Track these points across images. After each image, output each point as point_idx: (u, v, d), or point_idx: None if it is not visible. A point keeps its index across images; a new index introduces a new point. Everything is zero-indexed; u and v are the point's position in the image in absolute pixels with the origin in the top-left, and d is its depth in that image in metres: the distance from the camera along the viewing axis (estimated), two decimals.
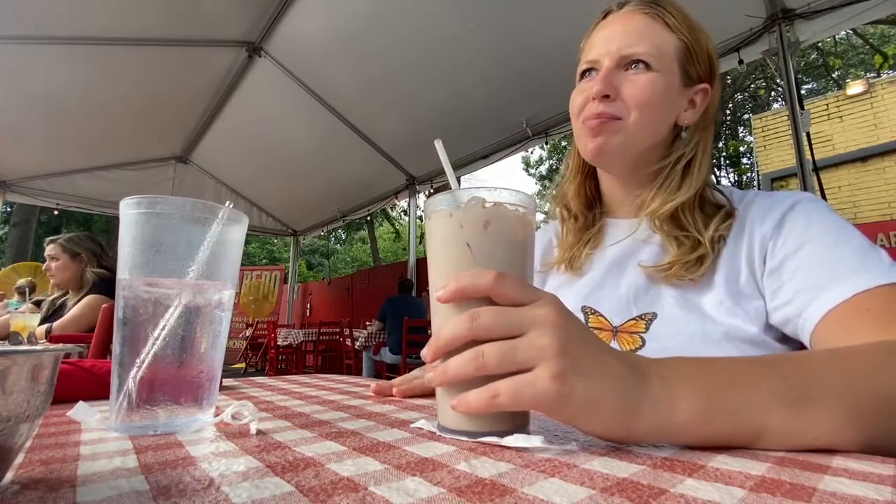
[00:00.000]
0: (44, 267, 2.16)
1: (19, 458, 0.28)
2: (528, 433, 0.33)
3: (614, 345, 0.60)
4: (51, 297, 2.17)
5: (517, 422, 0.35)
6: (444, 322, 0.34)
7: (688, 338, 0.56)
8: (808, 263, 0.52)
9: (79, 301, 2.02)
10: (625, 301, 0.63)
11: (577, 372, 0.30)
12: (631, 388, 0.31)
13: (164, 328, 0.37)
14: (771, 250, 0.56)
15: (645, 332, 0.59)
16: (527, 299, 0.33)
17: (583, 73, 0.66)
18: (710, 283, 0.58)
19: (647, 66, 0.59)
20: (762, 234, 0.57)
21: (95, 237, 2.28)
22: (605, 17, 0.66)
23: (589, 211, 0.73)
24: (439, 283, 0.36)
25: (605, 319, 0.63)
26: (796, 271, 0.53)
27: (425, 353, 0.35)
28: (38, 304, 2.20)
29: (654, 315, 0.60)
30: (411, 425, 0.39)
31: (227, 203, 0.41)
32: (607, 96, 0.60)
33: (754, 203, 0.61)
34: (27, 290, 2.41)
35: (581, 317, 0.65)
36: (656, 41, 0.60)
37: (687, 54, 0.61)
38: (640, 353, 0.57)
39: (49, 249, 2.14)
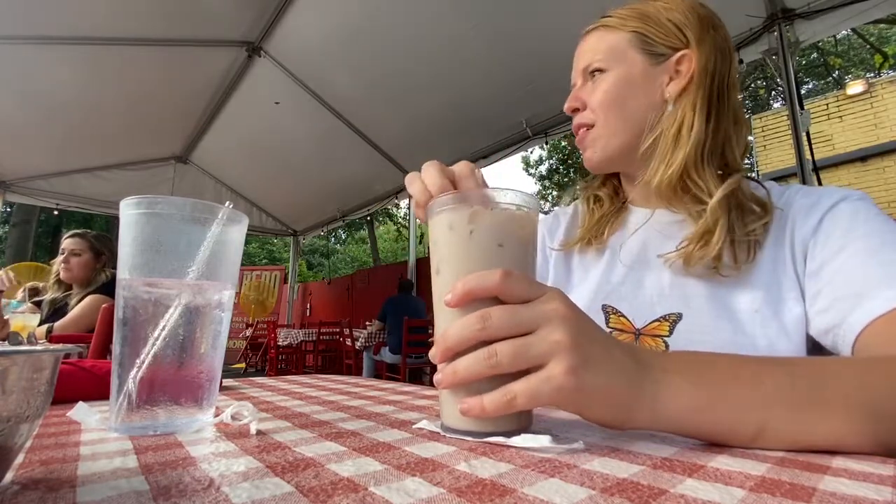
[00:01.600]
0: (61, 259, 2.06)
1: (19, 458, 0.28)
2: (533, 432, 0.33)
3: None
4: (49, 298, 2.13)
5: (522, 421, 0.35)
6: (451, 322, 0.34)
7: (714, 343, 0.53)
8: (849, 267, 0.49)
9: (81, 301, 2.00)
10: (648, 301, 0.61)
11: (587, 366, 0.31)
12: (635, 379, 0.32)
13: (164, 328, 0.37)
14: (811, 251, 0.53)
15: (668, 336, 0.57)
16: (533, 295, 0.33)
17: None
18: (746, 281, 0.55)
19: (602, 70, 0.64)
20: (803, 235, 0.55)
21: (111, 238, 2.22)
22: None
23: (616, 196, 0.73)
24: (445, 283, 0.36)
25: (628, 321, 0.61)
26: (835, 275, 0.50)
27: (433, 353, 0.35)
28: (38, 304, 2.16)
29: (679, 316, 0.58)
30: (413, 426, 0.39)
31: (227, 203, 0.41)
32: (577, 109, 0.66)
33: (795, 201, 0.58)
34: (27, 291, 2.39)
35: (602, 316, 0.64)
36: (604, 45, 0.64)
37: (643, 39, 0.63)
38: None
39: (73, 243, 2.03)
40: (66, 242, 2.06)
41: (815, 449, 0.31)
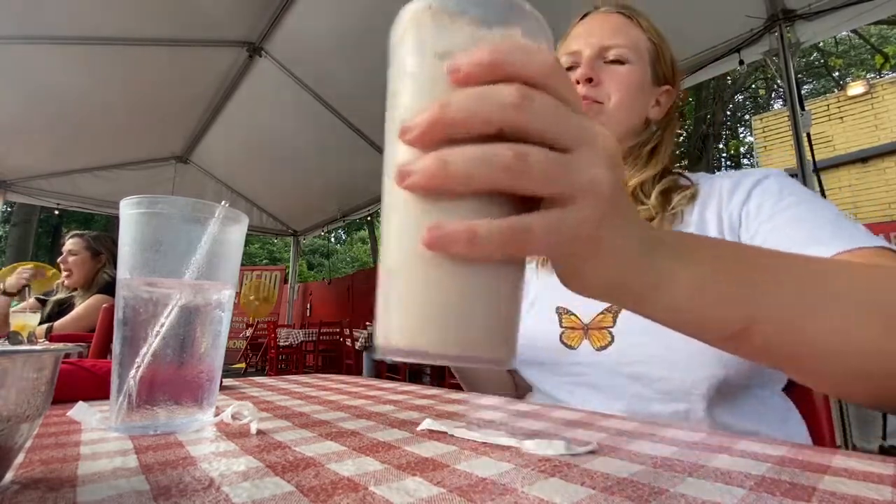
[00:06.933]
0: (59, 260, 2.15)
1: (19, 458, 0.28)
2: (545, 437, 0.32)
3: (585, 343, 0.60)
4: (56, 297, 2.15)
5: (504, 351, 0.22)
6: (406, 153, 0.22)
7: (657, 328, 0.49)
8: (784, 228, 0.53)
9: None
10: None
11: (613, 222, 0.24)
12: (648, 250, 0.27)
13: (164, 328, 0.37)
14: (745, 223, 0.57)
15: (613, 327, 0.59)
16: (577, 107, 0.23)
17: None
18: None
19: (624, 60, 0.65)
20: (731, 211, 0.59)
21: (113, 237, 2.27)
22: (581, 18, 0.72)
23: None
24: (407, 108, 0.24)
25: (577, 318, 0.63)
26: (770, 234, 0.53)
27: (403, 128, 0.22)
28: (42, 302, 2.17)
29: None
30: (418, 428, 0.38)
31: (223, 202, 0.41)
32: (591, 80, 0.64)
33: (719, 184, 0.63)
34: (27, 288, 2.40)
35: (555, 318, 0.65)
36: (632, 37, 0.67)
37: (656, 55, 0.68)
38: (609, 350, 0.58)
39: (71, 243, 2.10)
40: (66, 244, 2.13)
41: (817, 347, 0.30)
